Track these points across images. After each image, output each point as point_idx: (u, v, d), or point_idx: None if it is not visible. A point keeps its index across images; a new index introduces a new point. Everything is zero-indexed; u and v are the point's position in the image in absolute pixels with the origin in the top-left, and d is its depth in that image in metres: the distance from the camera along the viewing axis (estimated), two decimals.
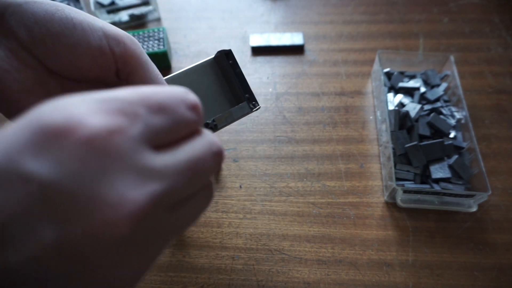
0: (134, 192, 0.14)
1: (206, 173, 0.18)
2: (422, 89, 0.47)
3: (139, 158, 0.15)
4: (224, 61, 0.29)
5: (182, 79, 0.29)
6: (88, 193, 0.14)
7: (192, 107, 0.18)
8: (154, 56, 0.51)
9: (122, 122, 0.15)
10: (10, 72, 0.22)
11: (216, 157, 0.19)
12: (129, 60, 0.24)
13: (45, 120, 0.14)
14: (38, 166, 0.13)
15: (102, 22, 0.24)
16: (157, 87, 0.18)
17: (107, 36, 0.23)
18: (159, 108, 0.16)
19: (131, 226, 0.14)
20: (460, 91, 0.46)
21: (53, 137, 0.14)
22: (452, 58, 0.48)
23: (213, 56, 0.30)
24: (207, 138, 0.19)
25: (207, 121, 0.28)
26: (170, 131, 0.17)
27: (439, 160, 0.41)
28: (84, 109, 0.14)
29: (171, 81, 0.28)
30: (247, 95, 0.29)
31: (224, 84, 0.30)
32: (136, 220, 0.14)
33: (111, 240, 0.14)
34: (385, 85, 0.47)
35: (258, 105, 0.30)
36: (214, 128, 0.28)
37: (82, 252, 0.14)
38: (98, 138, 0.14)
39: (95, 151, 0.14)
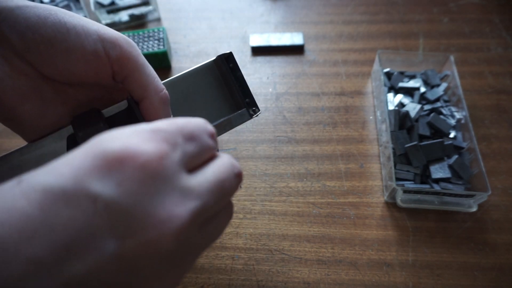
0: (179, 209, 0.16)
1: (230, 192, 0.20)
2: (422, 89, 0.47)
3: (180, 179, 0.17)
4: (224, 64, 0.28)
5: (181, 83, 0.28)
6: (144, 211, 0.16)
7: (212, 135, 0.21)
8: (154, 56, 0.51)
9: (167, 148, 0.17)
10: (3, 79, 0.22)
11: (237, 177, 0.21)
12: (125, 63, 0.24)
13: (107, 148, 0.16)
14: (103, 188, 0.15)
15: (97, 25, 0.23)
16: (186, 118, 0.20)
17: (102, 39, 0.23)
18: (191, 136, 0.19)
19: (177, 240, 0.16)
20: (460, 91, 0.46)
21: (114, 163, 0.16)
22: (452, 58, 0.48)
23: (213, 59, 0.29)
24: (228, 161, 0.21)
25: None
26: (198, 155, 0.19)
27: (439, 160, 0.41)
28: (137, 139, 0.17)
29: (170, 85, 0.28)
30: (247, 100, 0.28)
31: (224, 88, 0.29)
32: (180, 234, 0.16)
33: (161, 252, 0.16)
34: (385, 85, 0.47)
35: (259, 110, 0.29)
36: None
37: (137, 264, 0.16)
38: (151, 163, 0.16)
39: (149, 174, 0.16)
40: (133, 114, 0.26)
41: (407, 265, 0.37)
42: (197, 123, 0.20)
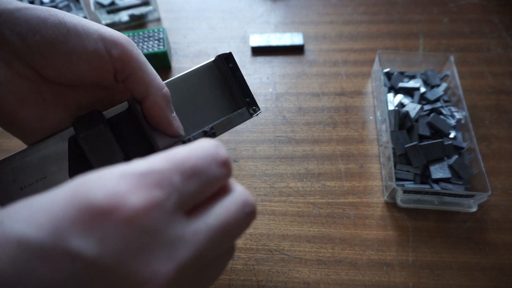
0: (164, 267, 0.15)
1: (236, 235, 0.19)
2: (422, 89, 0.47)
3: (172, 229, 0.15)
4: (224, 64, 0.28)
5: (181, 83, 0.28)
6: (126, 270, 0.14)
7: (223, 164, 0.18)
8: (154, 56, 0.51)
9: (159, 196, 0.15)
10: (3, 83, 0.21)
11: (249, 217, 0.19)
12: (127, 62, 0.24)
13: (90, 197, 0.14)
14: (83, 244, 0.14)
15: (98, 25, 0.23)
16: (190, 148, 0.18)
17: (103, 38, 0.23)
18: (192, 173, 0.17)
19: None
20: (460, 91, 0.46)
21: (97, 216, 0.14)
22: (452, 58, 0.48)
23: (212, 59, 0.29)
24: (241, 197, 0.18)
25: (205, 129, 0.27)
26: (201, 193, 0.17)
27: (439, 160, 0.41)
28: (125, 186, 0.15)
29: (170, 85, 0.28)
30: (247, 99, 0.28)
31: (224, 88, 0.29)
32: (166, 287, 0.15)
33: None
34: (385, 85, 0.47)
35: (259, 109, 0.29)
36: (212, 135, 0.27)
37: None
38: (137, 217, 0.15)
39: (135, 229, 0.14)
40: (134, 115, 0.26)
41: (407, 265, 0.37)
42: (203, 154, 0.17)
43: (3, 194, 0.23)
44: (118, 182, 0.15)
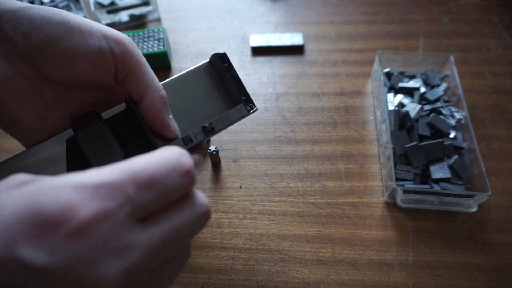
0: (113, 271, 0.15)
1: (189, 237, 0.19)
2: (422, 89, 0.47)
3: (124, 236, 0.16)
4: (220, 64, 0.29)
5: (178, 84, 0.28)
6: (77, 276, 0.15)
7: (185, 173, 0.18)
8: (154, 56, 0.51)
9: (110, 207, 0.16)
10: (5, 83, 0.22)
11: (202, 218, 0.19)
12: (128, 61, 0.24)
13: (42, 208, 0.15)
14: (34, 255, 0.14)
15: (100, 25, 0.24)
16: (150, 157, 0.18)
17: (106, 37, 0.23)
18: (149, 183, 0.17)
19: None
20: (460, 91, 0.46)
21: (48, 227, 0.15)
22: (452, 58, 0.48)
23: (207, 60, 0.29)
24: (196, 202, 0.19)
25: (204, 125, 0.27)
26: (157, 202, 0.17)
27: (439, 160, 0.41)
28: (78, 197, 0.15)
29: (166, 86, 0.28)
30: (243, 97, 0.29)
31: (220, 87, 0.30)
32: None
33: None
34: (385, 85, 0.47)
35: (255, 106, 0.29)
36: (211, 131, 0.27)
37: None
38: (88, 227, 0.15)
39: (85, 238, 0.15)
40: (132, 115, 0.26)
41: (407, 265, 0.37)
42: (162, 164, 0.18)
43: None
44: (71, 193, 0.15)
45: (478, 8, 0.61)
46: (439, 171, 0.40)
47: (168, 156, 0.18)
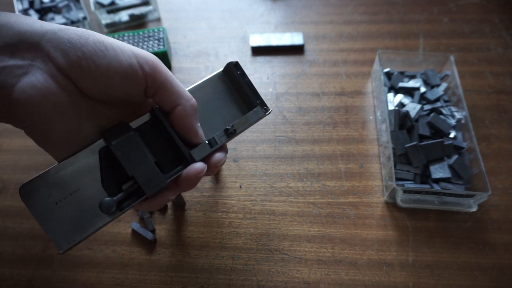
0: None
1: None
2: (422, 89, 0.47)
3: None
4: (234, 71, 0.31)
5: (196, 93, 0.30)
6: None
7: None
8: None
9: None
10: (47, 96, 0.24)
11: None
12: (157, 76, 0.26)
13: None
14: None
15: (130, 45, 0.26)
16: None
17: (136, 55, 0.26)
18: None
19: None
20: (460, 91, 0.46)
21: None
22: (452, 58, 0.48)
23: (221, 69, 0.32)
24: None
25: (227, 127, 0.29)
26: None
27: (439, 160, 0.41)
28: None
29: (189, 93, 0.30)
30: (258, 101, 0.31)
31: (235, 93, 0.32)
32: None
33: None
34: (385, 85, 0.47)
35: (270, 109, 0.31)
36: (233, 133, 0.29)
37: None
38: None
39: None
40: (158, 124, 0.28)
41: (407, 265, 0.37)
42: None
43: (40, 209, 0.25)
44: None
45: (478, 8, 0.61)
46: (439, 171, 0.40)
47: None
